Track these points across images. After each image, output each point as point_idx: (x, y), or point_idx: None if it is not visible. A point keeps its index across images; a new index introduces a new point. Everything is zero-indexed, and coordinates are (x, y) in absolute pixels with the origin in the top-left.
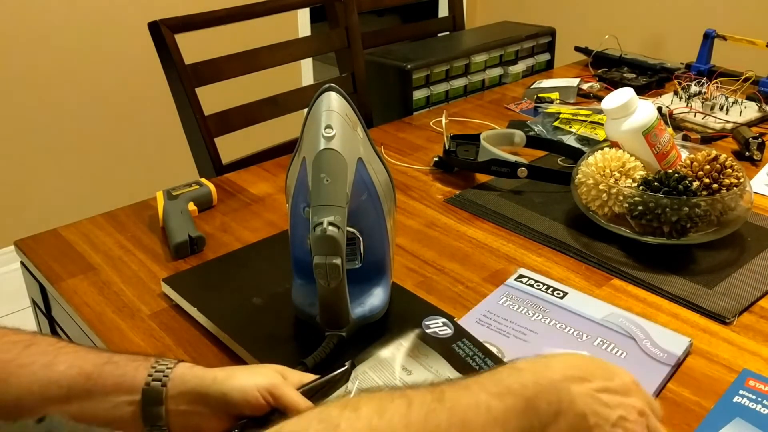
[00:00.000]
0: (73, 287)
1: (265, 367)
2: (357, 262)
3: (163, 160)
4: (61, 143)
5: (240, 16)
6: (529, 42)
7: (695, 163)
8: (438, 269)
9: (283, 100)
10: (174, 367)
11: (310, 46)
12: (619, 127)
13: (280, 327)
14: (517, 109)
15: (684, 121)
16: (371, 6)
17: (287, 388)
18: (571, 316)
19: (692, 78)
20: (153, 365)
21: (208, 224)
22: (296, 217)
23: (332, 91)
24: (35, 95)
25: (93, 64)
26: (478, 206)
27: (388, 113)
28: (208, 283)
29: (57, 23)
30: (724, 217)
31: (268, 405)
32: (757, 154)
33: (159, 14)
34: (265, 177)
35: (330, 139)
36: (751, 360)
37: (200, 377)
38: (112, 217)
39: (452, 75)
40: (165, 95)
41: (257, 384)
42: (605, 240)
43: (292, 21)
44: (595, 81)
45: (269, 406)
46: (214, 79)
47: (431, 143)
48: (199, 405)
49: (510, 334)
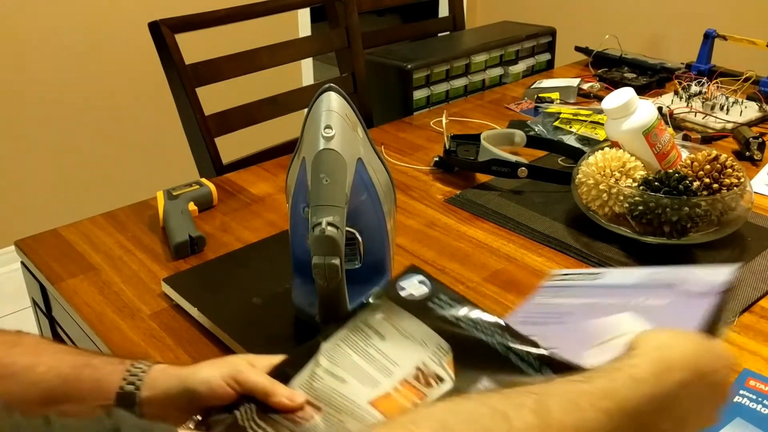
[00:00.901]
0: (74, 287)
1: (232, 357)
2: (357, 263)
3: (163, 160)
4: (62, 143)
5: (240, 16)
6: (529, 42)
7: (695, 163)
8: (438, 269)
9: (283, 100)
10: (148, 370)
11: (310, 46)
12: (620, 127)
13: (280, 327)
14: (518, 109)
15: (684, 121)
16: (371, 6)
17: (250, 371)
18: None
19: (692, 78)
20: (128, 369)
21: (209, 224)
22: (296, 217)
23: (332, 91)
24: (35, 95)
25: (93, 64)
26: (479, 206)
27: (388, 113)
28: (208, 283)
29: (57, 23)
30: (725, 217)
31: (235, 392)
32: (757, 154)
33: (159, 14)
34: (265, 177)
35: (329, 139)
36: (751, 360)
37: (168, 379)
38: (112, 217)
39: (452, 75)
40: (165, 95)
41: (221, 373)
42: (605, 240)
43: (292, 21)
44: (595, 81)
45: (236, 393)
46: (214, 79)
47: (431, 143)
48: (170, 407)
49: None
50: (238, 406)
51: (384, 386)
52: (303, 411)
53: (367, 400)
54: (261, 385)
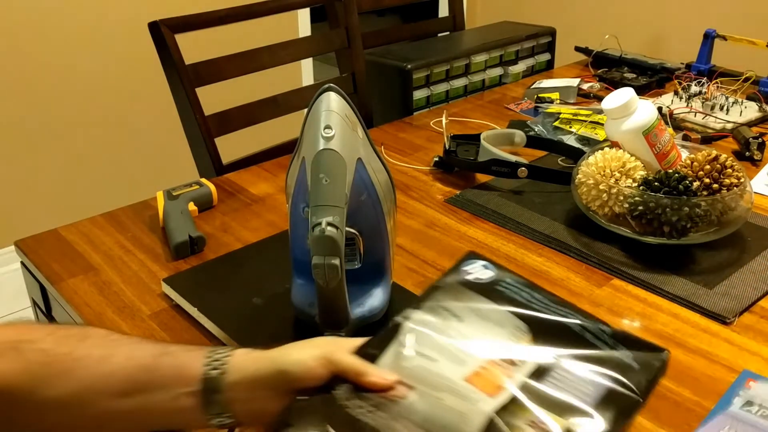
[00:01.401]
0: (74, 287)
1: (319, 339)
2: (356, 263)
3: (163, 160)
4: (62, 143)
5: (240, 16)
6: (529, 42)
7: (695, 163)
8: (438, 269)
9: (283, 100)
10: (231, 354)
11: (310, 46)
12: (620, 127)
13: (280, 327)
14: (518, 109)
15: (684, 121)
16: (371, 6)
17: (343, 353)
18: None
19: (692, 78)
20: (208, 355)
21: (209, 224)
22: (296, 217)
23: (332, 91)
24: (35, 95)
25: (93, 64)
26: (479, 206)
27: (388, 113)
28: (208, 283)
29: (57, 23)
30: (725, 217)
31: (329, 372)
32: (757, 154)
33: (159, 14)
34: (265, 177)
35: (329, 139)
36: (751, 360)
37: (257, 362)
38: (112, 217)
39: (452, 75)
40: (165, 95)
41: (314, 354)
42: (605, 240)
43: (292, 21)
44: (595, 81)
45: (329, 373)
46: (214, 79)
47: (431, 143)
48: (260, 389)
49: None
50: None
51: (471, 365)
52: (395, 390)
53: (461, 377)
54: (355, 365)
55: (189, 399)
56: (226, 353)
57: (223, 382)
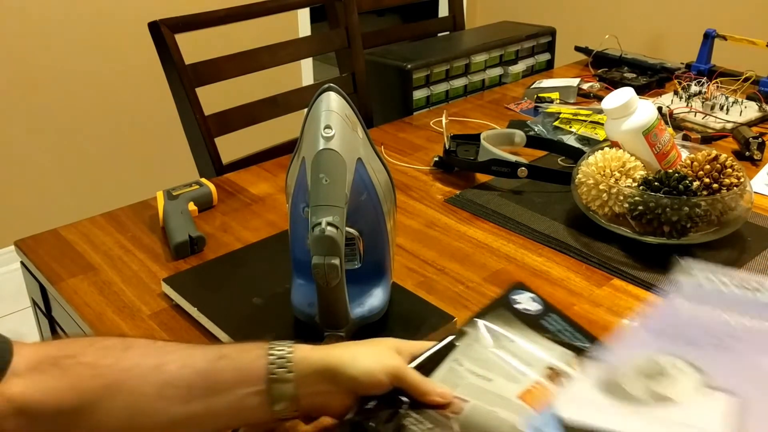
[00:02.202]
0: (74, 287)
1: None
2: (356, 263)
3: (163, 160)
4: (61, 143)
5: (240, 16)
6: (529, 42)
7: (695, 163)
8: (438, 269)
9: (283, 100)
10: (294, 351)
11: (310, 46)
12: (620, 127)
13: (280, 327)
14: (517, 109)
15: (684, 120)
16: (371, 6)
17: (409, 371)
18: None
19: (692, 78)
20: (270, 352)
21: (209, 224)
22: (296, 217)
23: (332, 91)
24: (35, 95)
25: (93, 64)
26: (479, 206)
27: (388, 113)
28: (208, 283)
29: (57, 23)
30: (725, 217)
31: (393, 385)
32: (757, 153)
33: (159, 14)
34: (265, 177)
35: (329, 139)
36: None
37: (325, 359)
38: (112, 217)
39: (452, 75)
40: (165, 95)
41: (384, 367)
42: (605, 240)
43: (292, 21)
44: (595, 81)
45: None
46: (214, 79)
47: (431, 143)
48: (327, 384)
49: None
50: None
51: (523, 383)
52: (452, 405)
53: (515, 395)
54: (420, 385)
55: (255, 398)
56: (288, 350)
57: (290, 378)
